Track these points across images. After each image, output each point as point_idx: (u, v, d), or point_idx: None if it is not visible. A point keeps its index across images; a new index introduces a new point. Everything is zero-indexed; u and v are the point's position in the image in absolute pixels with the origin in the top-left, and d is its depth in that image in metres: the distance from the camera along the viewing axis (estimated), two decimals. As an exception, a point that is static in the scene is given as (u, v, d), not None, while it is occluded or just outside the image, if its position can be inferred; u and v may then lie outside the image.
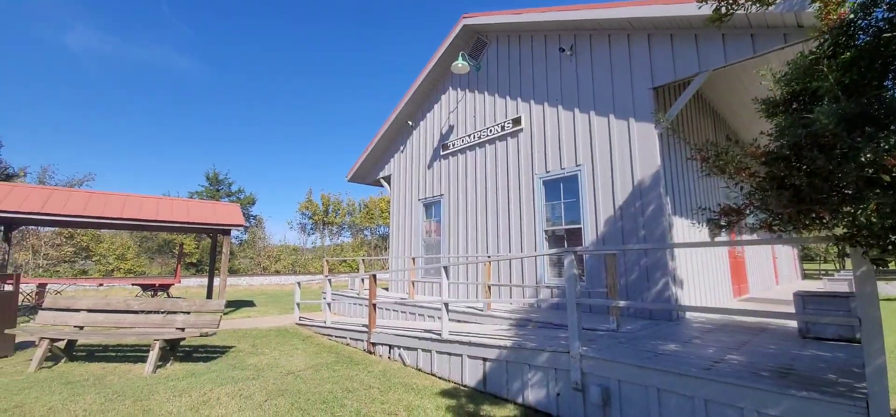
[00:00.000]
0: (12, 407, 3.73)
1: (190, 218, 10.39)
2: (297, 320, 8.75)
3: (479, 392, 4.51)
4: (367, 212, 39.45)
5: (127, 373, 4.96)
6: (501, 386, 4.35)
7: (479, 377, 4.60)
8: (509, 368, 4.30)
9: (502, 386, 4.34)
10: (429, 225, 10.41)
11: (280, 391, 4.35)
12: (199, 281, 21.71)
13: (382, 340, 6.03)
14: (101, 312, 5.63)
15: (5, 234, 9.98)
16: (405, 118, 11.23)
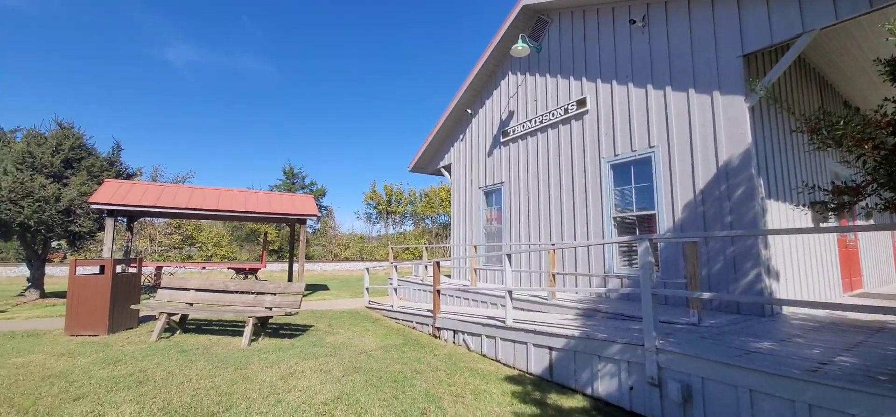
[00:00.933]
0: (137, 371, 4.45)
1: (271, 209, 11.45)
2: (367, 303, 9.29)
3: (546, 381, 4.46)
4: (428, 201, 40.30)
5: (228, 345, 5.66)
6: (569, 376, 4.26)
7: (546, 365, 4.54)
8: (577, 358, 4.19)
9: (570, 376, 4.25)
10: (490, 213, 10.39)
11: (355, 368, 4.68)
12: (280, 266, 23.92)
13: (447, 325, 6.19)
14: (205, 291, 6.47)
15: (128, 225, 11.81)
16: (464, 107, 11.24)
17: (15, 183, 9.53)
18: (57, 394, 3.73)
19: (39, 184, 9.83)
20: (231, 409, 3.45)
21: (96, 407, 3.44)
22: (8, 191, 9.44)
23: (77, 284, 6.24)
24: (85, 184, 10.62)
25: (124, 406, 3.46)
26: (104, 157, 11.76)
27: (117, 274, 6.48)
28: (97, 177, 11.02)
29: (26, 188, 9.61)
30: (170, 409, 3.43)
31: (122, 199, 9.45)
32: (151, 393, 3.77)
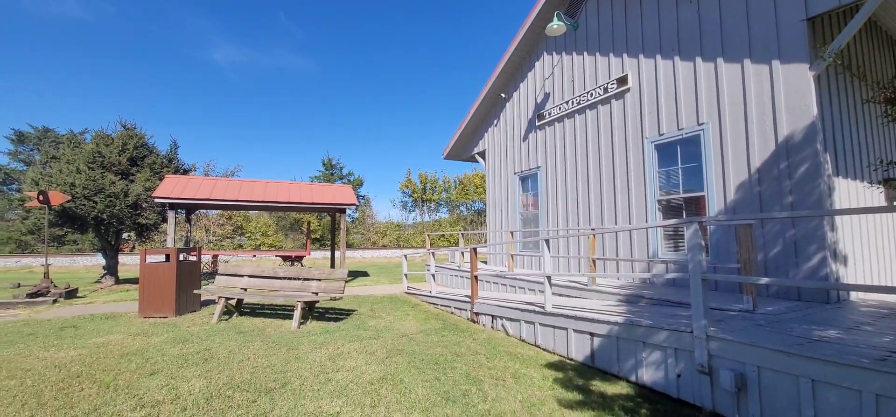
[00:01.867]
0: (203, 350, 4.86)
1: (313, 199, 11.94)
2: (406, 289, 9.53)
3: (587, 367, 4.42)
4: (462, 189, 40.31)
5: (279, 327, 6.04)
6: (612, 362, 4.19)
7: (587, 352, 4.49)
8: (621, 345, 4.10)
9: (613, 363, 4.18)
10: (526, 198, 10.25)
11: (397, 350, 4.86)
12: (322, 254, 24.98)
13: (485, 310, 6.24)
14: (258, 277, 6.92)
15: (187, 216, 12.77)
16: (498, 91, 11.07)
17: (88, 180, 10.55)
18: (134, 370, 4.17)
19: (109, 181, 10.82)
20: (286, 386, 3.70)
21: (170, 381, 3.81)
22: (82, 188, 10.47)
23: (147, 271, 6.87)
24: (148, 179, 11.56)
25: (194, 381, 3.81)
26: (163, 155, 12.73)
27: (181, 262, 7.05)
28: (158, 173, 11.96)
29: (98, 185, 10.62)
30: (233, 384, 3.73)
31: (181, 193, 10.21)
32: (216, 370, 4.12)
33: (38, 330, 5.94)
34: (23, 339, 5.40)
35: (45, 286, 9.09)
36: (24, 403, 3.32)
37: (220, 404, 3.32)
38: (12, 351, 4.81)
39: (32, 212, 11.05)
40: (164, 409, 3.22)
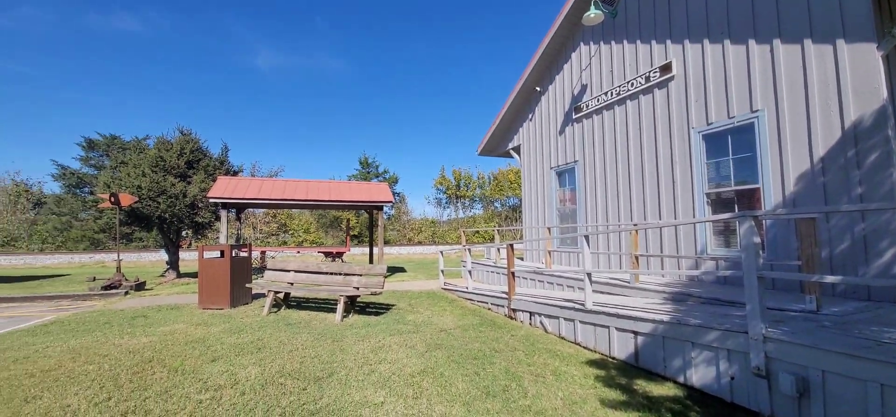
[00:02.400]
0: (256, 340, 5.19)
1: (352, 197, 12.34)
2: (443, 285, 9.65)
3: (631, 366, 4.31)
4: (497, 184, 40.04)
5: (324, 320, 6.33)
6: (657, 362, 4.06)
7: (630, 350, 4.37)
8: (667, 344, 3.96)
9: (658, 363, 4.05)
10: (563, 193, 10.05)
11: (436, 344, 4.96)
12: (360, 250, 25.74)
13: (523, 307, 6.21)
14: (303, 272, 7.27)
15: (237, 215, 13.60)
16: (532, 85, 10.90)
17: (152, 183, 11.50)
18: (198, 356, 4.53)
19: (170, 183, 11.74)
20: (333, 376, 3.90)
21: (229, 368, 4.12)
22: (147, 190, 11.43)
23: (205, 266, 7.42)
24: (203, 181, 12.43)
25: (250, 368, 4.10)
26: (216, 157, 13.63)
27: (233, 258, 7.55)
28: (212, 174, 12.83)
29: (160, 187, 11.55)
30: (284, 372, 3.98)
31: (232, 193, 10.89)
32: (269, 358, 4.40)
33: (113, 319, 6.58)
34: (100, 327, 6.00)
35: (118, 279, 10.03)
36: (103, 385, 3.71)
37: (274, 390, 3.56)
38: (91, 339, 5.36)
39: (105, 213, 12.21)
40: (226, 393, 3.50)
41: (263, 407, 3.21)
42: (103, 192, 11.11)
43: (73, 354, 4.63)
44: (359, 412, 3.15)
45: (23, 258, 22.26)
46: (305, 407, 3.21)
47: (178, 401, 3.34)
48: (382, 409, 3.19)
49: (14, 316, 7.34)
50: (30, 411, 3.15)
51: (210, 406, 3.25)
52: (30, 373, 4.01)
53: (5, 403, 3.28)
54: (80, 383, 3.74)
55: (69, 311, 7.63)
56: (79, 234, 20.81)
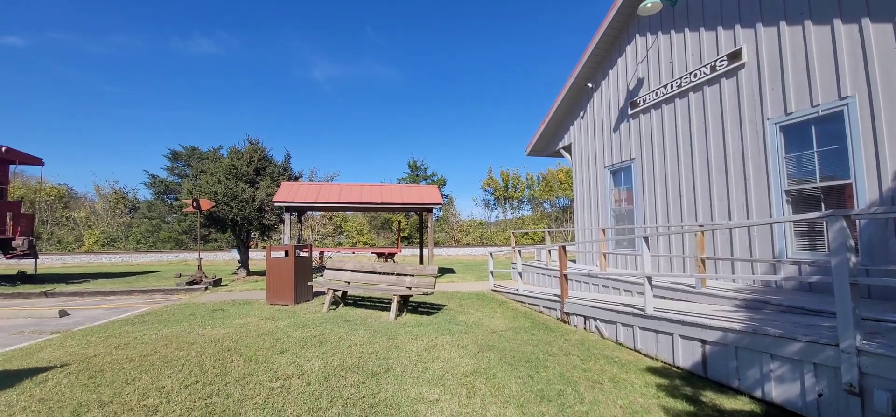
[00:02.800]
0: (318, 334, 5.53)
1: (403, 200, 12.70)
2: (492, 287, 9.63)
3: (697, 377, 4.04)
4: (546, 185, 39.07)
5: (378, 318, 6.60)
6: (728, 374, 3.77)
7: (697, 359, 4.09)
8: (740, 355, 3.67)
9: (730, 374, 3.75)
10: (618, 193, 9.61)
11: (488, 346, 4.98)
12: (411, 251, 26.36)
13: (576, 311, 6.04)
14: (359, 272, 7.63)
15: (298, 217, 14.54)
16: (583, 81, 10.54)
17: (226, 189, 12.66)
18: (268, 348, 4.93)
19: (241, 188, 12.85)
20: (389, 372, 4.06)
21: (296, 359, 4.45)
22: (223, 195, 12.60)
23: (272, 265, 8.04)
24: (269, 186, 13.46)
25: (314, 361, 4.40)
26: (279, 164, 14.70)
27: (296, 258, 8.10)
28: (276, 180, 13.85)
29: (233, 192, 12.68)
30: (345, 366, 4.22)
31: (294, 197, 11.69)
32: (330, 352, 4.69)
33: (196, 311, 7.34)
34: (186, 319, 6.73)
35: (199, 276, 11.16)
36: (191, 370, 4.16)
37: (336, 382, 3.79)
38: (179, 328, 6.03)
39: (187, 216, 13.64)
40: (294, 382, 3.78)
41: (328, 398, 3.44)
42: (187, 198, 12.43)
43: (165, 342, 5.25)
44: (415, 407, 3.26)
45: (121, 256, 25.47)
46: (365, 400, 3.39)
47: (253, 388, 3.67)
48: (437, 406, 3.28)
49: (116, 307, 8.44)
50: (130, 391, 3.62)
51: (281, 393, 3.54)
52: (130, 358, 4.60)
53: (109, 384, 3.80)
54: (172, 367, 4.24)
55: (160, 304, 8.62)
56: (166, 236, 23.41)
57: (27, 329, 6.34)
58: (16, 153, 13.30)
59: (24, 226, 13.10)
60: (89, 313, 7.78)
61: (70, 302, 9.09)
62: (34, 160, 14.13)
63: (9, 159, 13.50)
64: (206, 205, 11.71)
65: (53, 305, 8.41)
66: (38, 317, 7.27)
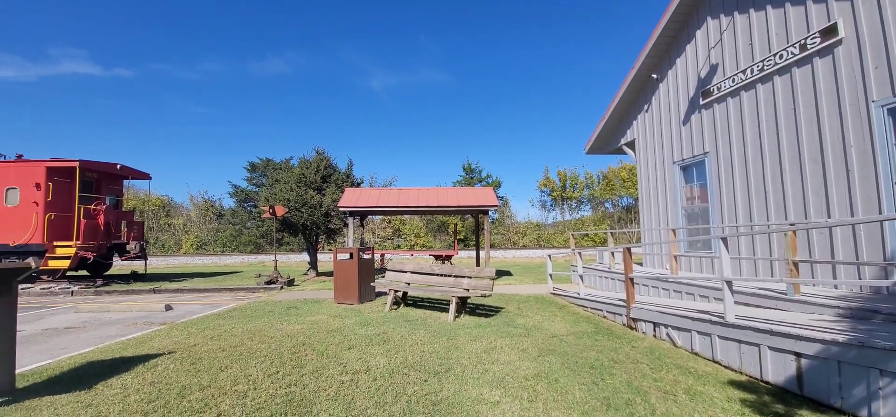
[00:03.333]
0: (381, 332, 5.80)
1: (459, 202, 12.84)
2: (551, 290, 9.39)
3: (791, 393, 3.62)
4: (607, 184, 37.14)
5: (438, 319, 6.75)
6: (829, 392, 3.34)
7: (790, 374, 3.68)
8: (844, 370, 3.24)
9: (831, 392, 3.32)
10: (690, 190, 8.89)
11: (549, 350, 4.88)
12: (467, 253, 26.50)
13: (645, 316, 5.70)
14: (418, 274, 7.87)
15: (360, 221, 15.30)
16: (647, 72, 9.91)
17: (297, 196, 13.72)
18: (338, 344, 5.28)
19: (310, 195, 13.85)
20: (450, 371, 4.16)
21: (362, 355, 4.72)
22: (294, 202, 13.68)
23: (338, 267, 8.57)
24: (334, 193, 14.36)
25: (379, 357, 4.63)
26: (343, 172, 15.61)
27: (360, 260, 8.56)
28: (340, 187, 14.73)
29: (303, 199, 13.71)
30: (408, 363, 4.39)
31: (357, 202, 12.35)
32: (393, 350, 4.90)
33: (274, 308, 8.05)
34: (265, 315, 7.40)
35: (275, 276, 12.22)
36: (272, 361, 4.58)
37: (400, 379, 3.96)
38: (260, 323, 6.65)
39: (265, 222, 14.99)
40: (362, 377, 4.02)
41: (392, 393, 3.61)
42: (264, 205, 13.68)
43: (250, 335, 5.83)
44: (476, 408, 3.31)
45: (211, 258, 28.62)
46: (427, 397, 3.50)
47: (326, 380, 3.96)
48: (498, 408, 3.30)
49: (209, 303, 9.52)
50: (224, 377, 4.08)
51: (350, 386, 3.78)
52: (222, 348, 5.18)
53: (207, 370, 4.31)
54: (257, 358, 4.70)
55: (244, 301, 9.58)
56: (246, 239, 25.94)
57: (140, 320, 7.40)
58: (128, 169, 15.54)
59: (136, 232, 15.26)
60: (188, 308, 8.87)
61: (173, 297, 10.43)
62: (143, 175, 16.41)
63: (123, 175, 15.81)
64: (281, 212, 12.78)
65: (160, 300, 9.70)
66: (148, 311, 8.45)
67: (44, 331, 6.63)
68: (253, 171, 17.22)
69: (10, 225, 12.68)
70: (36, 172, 12.77)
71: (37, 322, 7.44)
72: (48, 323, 7.36)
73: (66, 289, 11.77)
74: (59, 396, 3.62)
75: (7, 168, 13.13)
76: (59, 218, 12.88)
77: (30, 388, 3.85)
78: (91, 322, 7.39)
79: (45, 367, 4.55)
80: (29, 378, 4.15)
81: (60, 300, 10.48)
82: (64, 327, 6.96)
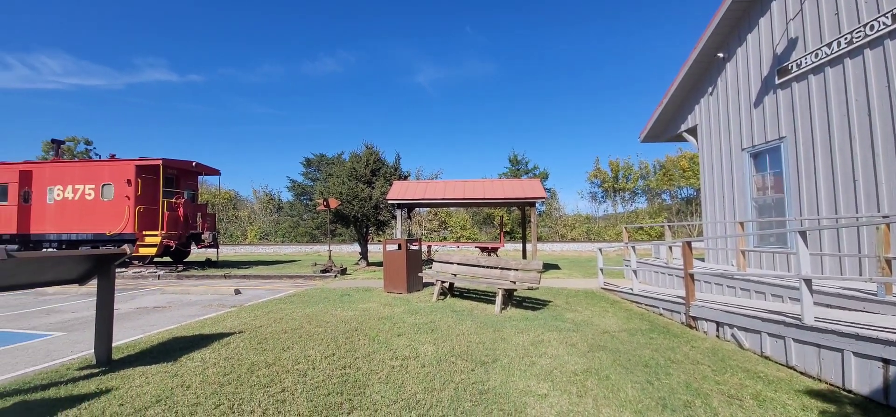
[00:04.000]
0: (429, 321, 5.94)
1: (505, 194, 12.72)
2: (602, 284, 9.05)
3: (876, 404, 3.24)
4: (664, 174, 34.86)
5: (484, 310, 6.79)
6: (931, 407, 2.94)
7: (878, 385, 3.28)
8: (949, 383, 2.83)
9: (933, 407, 2.93)
10: (761, 180, 8.12)
11: (599, 346, 4.74)
12: (513, 246, 26.21)
13: (707, 315, 5.34)
14: (464, 265, 7.95)
15: (408, 214, 15.67)
16: (712, 51, 9.11)
17: (349, 190, 14.34)
18: (387, 331, 5.50)
19: (360, 188, 14.43)
20: (496, 362, 4.19)
21: (411, 342, 4.89)
22: (346, 195, 14.32)
23: (388, 257, 8.88)
24: (383, 186, 14.84)
25: (427, 345, 4.77)
26: (391, 165, 16.05)
27: (408, 251, 8.80)
28: (389, 180, 15.18)
29: (354, 192, 14.31)
30: (455, 352, 4.48)
31: (404, 195, 12.66)
32: (441, 338, 5.02)
33: (329, 295, 8.53)
34: (321, 301, 7.86)
35: (330, 265, 12.91)
36: (328, 344, 4.88)
37: (447, 367, 4.06)
38: (317, 309, 7.08)
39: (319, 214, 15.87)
40: (411, 363, 4.17)
41: (440, 380, 3.71)
42: (319, 199, 14.48)
43: (308, 319, 6.24)
44: (523, 399, 3.31)
45: (272, 248, 30.83)
46: (475, 386, 3.56)
47: (377, 364, 4.15)
48: (546, 401, 3.28)
49: (272, 288, 10.29)
50: (287, 357, 4.42)
51: (400, 371, 3.94)
52: (284, 330, 5.60)
53: (271, 349, 4.68)
54: (315, 340, 5.04)
55: (302, 287, 10.24)
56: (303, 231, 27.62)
57: (214, 303, 8.18)
58: (202, 166, 17.10)
59: (209, 223, 16.81)
60: (254, 292, 9.65)
61: (241, 283, 11.40)
62: (213, 171, 17.98)
63: (198, 171, 17.43)
64: (335, 204, 13.45)
65: (230, 285, 10.65)
66: (220, 294, 9.31)
67: (136, 310, 7.55)
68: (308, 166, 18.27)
69: (105, 216, 14.51)
70: (127, 170, 14.47)
71: (130, 302, 8.49)
72: (139, 302, 8.37)
73: (153, 273, 13.29)
74: (149, 366, 4.14)
75: (102, 166, 15.00)
76: (147, 211, 14.52)
77: (124, 359, 4.43)
78: (174, 302, 8.31)
79: (137, 341, 5.20)
80: (123, 350, 4.77)
81: (149, 283, 11.86)
82: (152, 306, 7.89)
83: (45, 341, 5.36)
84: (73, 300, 8.57)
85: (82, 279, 4.30)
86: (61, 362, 4.39)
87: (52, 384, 3.68)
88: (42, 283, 4.17)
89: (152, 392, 3.45)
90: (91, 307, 7.39)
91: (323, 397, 3.34)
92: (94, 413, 3.07)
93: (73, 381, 3.74)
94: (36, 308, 7.72)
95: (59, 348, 5.01)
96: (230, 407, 3.16)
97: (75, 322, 6.50)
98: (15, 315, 7.11)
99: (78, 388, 3.58)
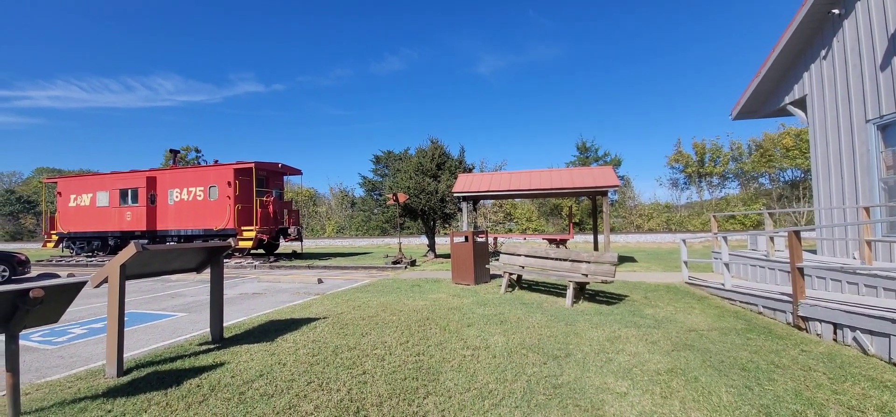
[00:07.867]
0: (498, 313, 5.95)
1: (574, 184, 12.19)
2: (687, 279, 8.30)
3: None
4: (762, 154, 30.71)
5: (554, 303, 6.62)
6: None
7: None
8: None
9: None
10: (891, 157, 6.79)
11: (685, 345, 4.38)
12: (583, 238, 25.07)
13: (821, 315, 4.65)
14: (532, 257, 7.81)
15: (473, 206, 15.75)
16: (825, 8, 7.76)
17: (416, 184, 14.81)
18: (458, 321, 5.62)
19: (427, 182, 14.82)
20: (569, 357, 4.08)
21: (481, 333, 4.95)
22: (414, 189, 14.81)
23: (455, 249, 9.05)
24: (448, 179, 15.09)
25: (497, 336, 4.80)
26: (455, 158, 16.24)
27: (475, 243, 8.87)
28: (454, 173, 15.38)
29: (421, 186, 14.74)
30: (525, 345, 4.45)
31: (469, 187, 12.74)
32: (511, 331, 5.01)
33: (400, 286, 8.93)
34: (393, 291, 8.27)
35: (400, 257, 13.50)
36: (402, 332, 5.13)
37: (518, 359, 4.05)
38: (390, 298, 7.46)
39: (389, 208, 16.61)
40: (481, 353, 4.23)
41: (512, 372, 3.72)
42: (388, 193, 15.18)
43: (383, 307, 6.62)
44: (600, 396, 3.19)
45: (348, 241, 33.05)
46: (548, 380, 3.51)
47: (449, 352, 4.28)
48: (626, 400, 3.13)
49: (349, 278, 11.05)
50: (365, 342, 4.73)
51: (471, 361, 4.02)
52: (362, 317, 5.99)
53: (352, 334, 5.05)
54: (390, 327, 5.33)
55: (376, 278, 10.85)
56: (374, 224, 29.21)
57: (301, 291, 9.02)
58: (287, 167, 18.85)
59: (294, 219, 18.52)
60: (335, 281, 10.46)
61: (322, 273, 12.42)
62: (296, 171, 19.71)
63: (283, 172, 19.25)
64: (403, 198, 14.00)
65: (314, 275, 11.65)
66: (306, 283, 10.23)
67: (239, 295, 8.61)
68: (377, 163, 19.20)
69: (212, 214, 16.67)
70: (227, 173, 16.46)
71: (233, 288, 9.70)
72: (241, 289, 9.53)
73: (250, 264, 15.02)
74: (252, 345, 4.71)
75: (208, 171, 17.23)
76: (244, 209, 16.41)
77: (232, 338, 5.09)
78: (269, 290, 9.32)
79: (242, 322, 5.94)
80: (232, 329, 5.48)
81: (247, 272, 13.43)
82: (251, 292, 8.94)
83: (171, 320, 6.36)
84: (191, 286, 10.02)
85: (199, 268, 5.02)
86: (185, 338, 5.18)
87: (178, 357, 4.37)
88: (168, 272, 4.95)
89: (256, 368, 3.93)
90: (205, 292, 8.60)
91: (400, 381, 3.54)
92: (212, 383, 3.59)
93: (195, 355, 4.40)
94: (163, 292, 9.17)
95: (183, 326, 5.91)
96: (319, 385, 3.49)
97: (194, 304, 7.61)
98: (149, 298, 8.52)
99: (198, 361, 4.21)
